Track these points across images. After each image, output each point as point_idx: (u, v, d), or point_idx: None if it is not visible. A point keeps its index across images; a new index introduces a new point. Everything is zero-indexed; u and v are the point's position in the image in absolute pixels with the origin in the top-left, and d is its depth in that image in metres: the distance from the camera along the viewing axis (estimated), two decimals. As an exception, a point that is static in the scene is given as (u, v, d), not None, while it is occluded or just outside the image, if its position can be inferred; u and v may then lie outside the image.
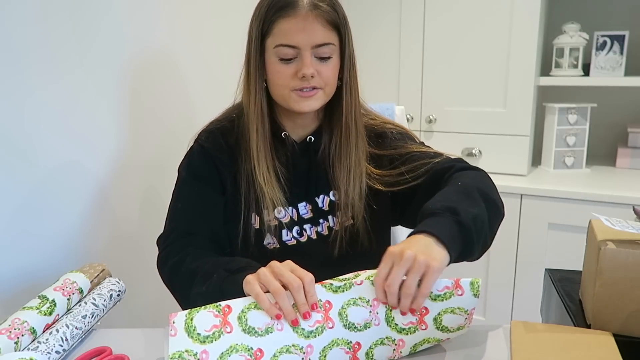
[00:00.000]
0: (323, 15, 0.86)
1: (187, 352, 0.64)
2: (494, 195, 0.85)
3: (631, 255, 0.70)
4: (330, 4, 0.88)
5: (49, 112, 1.04)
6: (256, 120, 0.92)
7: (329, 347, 0.69)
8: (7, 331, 0.73)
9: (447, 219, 0.75)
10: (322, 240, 0.98)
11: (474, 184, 0.84)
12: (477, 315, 1.88)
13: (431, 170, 0.93)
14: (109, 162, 1.20)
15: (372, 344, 0.71)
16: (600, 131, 2.04)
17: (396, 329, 0.71)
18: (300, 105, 0.90)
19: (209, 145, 0.97)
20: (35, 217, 1.03)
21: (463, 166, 0.91)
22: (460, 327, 0.73)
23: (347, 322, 0.70)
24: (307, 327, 0.69)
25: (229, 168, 0.96)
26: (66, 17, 1.05)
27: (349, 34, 0.91)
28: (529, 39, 1.74)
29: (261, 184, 0.92)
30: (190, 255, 0.88)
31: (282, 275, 0.70)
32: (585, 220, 0.84)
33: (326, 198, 0.98)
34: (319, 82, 0.89)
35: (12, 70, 0.95)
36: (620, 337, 0.71)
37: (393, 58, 1.98)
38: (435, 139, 1.97)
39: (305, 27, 0.86)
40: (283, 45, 0.87)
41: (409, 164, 0.95)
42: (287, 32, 0.86)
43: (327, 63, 0.89)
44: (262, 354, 0.67)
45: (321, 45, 0.87)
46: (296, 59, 0.88)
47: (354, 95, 0.94)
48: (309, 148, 0.98)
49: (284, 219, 0.97)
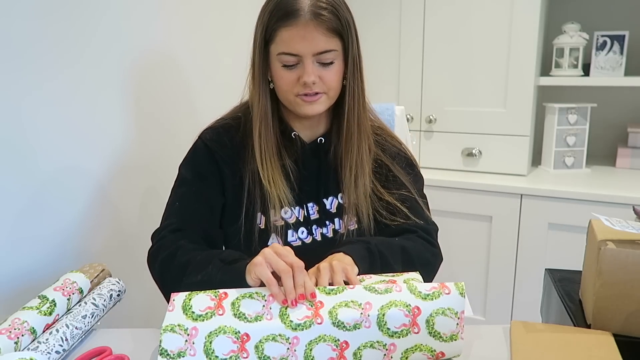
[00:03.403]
0: (324, 23, 0.87)
1: (179, 327, 0.70)
2: (418, 262, 0.90)
3: (631, 255, 0.70)
4: (333, 11, 0.88)
5: (48, 112, 1.04)
6: (259, 123, 0.93)
7: (315, 341, 0.70)
8: (7, 331, 0.73)
9: (358, 245, 0.87)
10: (326, 242, 0.98)
11: (409, 246, 0.91)
12: (477, 315, 1.88)
13: (400, 226, 0.97)
14: (109, 162, 1.20)
15: (361, 345, 0.71)
16: (600, 131, 2.04)
17: (388, 333, 0.71)
18: (305, 110, 0.92)
19: (213, 142, 0.97)
20: (35, 217, 1.03)
21: (423, 236, 0.95)
22: (454, 336, 0.72)
23: (336, 320, 0.70)
24: (296, 319, 0.71)
25: (232, 166, 0.97)
26: (66, 13, 1.05)
27: (352, 38, 0.91)
28: (529, 39, 1.74)
29: (265, 184, 0.93)
30: (182, 249, 0.88)
31: (271, 262, 0.74)
32: (585, 220, 0.84)
33: (335, 200, 0.99)
34: (321, 88, 0.90)
35: (10, 68, 0.95)
36: (620, 337, 0.71)
37: (393, 58, 1.98)
38: (435, 139, 1.97)
39: (306, 36, 0.86)
40: (285, 54, 0.88)
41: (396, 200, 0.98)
42: (288, 41, 0.87)
43: (329, 68, 0.90)
44: (248, 339, 0.70)
45: (323, 53, 0.88)
46: (299, 65, 0.89)
47: (357, 98, 0.94)
48: (319, 149, 0.99)
49: (290, 220, 0.97)
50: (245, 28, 0.93)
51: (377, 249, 0.87)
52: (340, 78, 0.93)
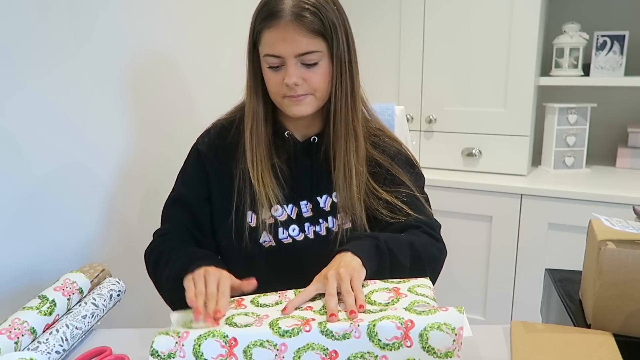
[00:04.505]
0: (305, 25, 0.86)
1: (173, 332, 0.73)
2: (426, 257, 0.90)
3: (631, 255, 0.70)
4: (315, 12, 0.87)
5: (48, 111, 1.04)
6: (250, 123, 0.96)
7: (303, 349, 0.70)
8: (7, 331, 0.74)
9: (367, 241, 0.86)
10: (319, 240, 0.98)
11: (416, 241, 0.90)
12: (477, 315, 1.88)
13: (403, 222, 0.96)
14: (109, 161, 1.20)
15: (351, 355, 0.69)
16: (600, 131, 2.04)
17: (379, 344, 0.69)
18: (292, 111, 0.93)
19: (203, 147, 1.02)
20: (35, 217, 1.03)
21: (427, 231, 0.95)
22: (449, 353, 0.68)
23: (325, 329, 0.70)
24: (284, 326, 0.71)
25: (222, 167, 0.99)
26: (63, 8, 1.05)
27: (339, 38, 0.90)
28: (529, 39, 1.74)
29: (254, 184, 0.95)
30: (167, 249, 0.95)
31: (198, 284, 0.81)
32: (585, 220, 0.84)
33: (328, 199, 0.99)
34: (306, 89, 0.91)
35: (8, 67, 0.95)
36: (620, 337, 0.71)
37: (393, 58, 1.98)
38: (435, 139, 1.97)
39: (286, 37, 0.86)
40: (268, 55, 0.89)
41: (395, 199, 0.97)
42: (271, 42, 0.88)
43: (313, 69, 0.90)
44: (236, 343, 0.71)
45: (305, 54, 0.88)
46: (283, 67, 0.89)
47: (344, 99, 0.94)
48: (311, 148, 0.99)
49: (281, 217, 0.97)
50: (244, 26, 0.93)
51: (386, 246, 0.86)
52: (328, 79, 0.92)
